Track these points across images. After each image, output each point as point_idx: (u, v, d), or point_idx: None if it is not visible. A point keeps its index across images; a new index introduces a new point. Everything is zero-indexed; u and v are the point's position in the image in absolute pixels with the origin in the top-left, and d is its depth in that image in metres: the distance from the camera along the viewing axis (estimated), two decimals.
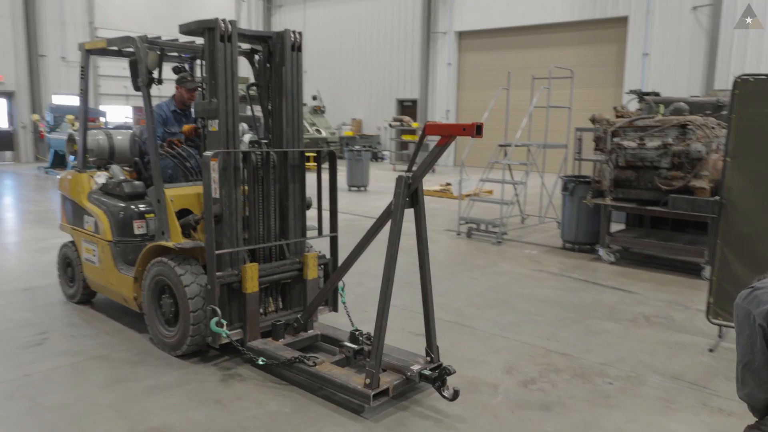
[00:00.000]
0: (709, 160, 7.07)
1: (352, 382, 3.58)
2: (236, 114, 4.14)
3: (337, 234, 4.70)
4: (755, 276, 4.93)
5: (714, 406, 3.87)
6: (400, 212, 3.58)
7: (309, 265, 4.53)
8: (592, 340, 5.01)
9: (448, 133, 3.50)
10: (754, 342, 2.12)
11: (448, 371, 3.67)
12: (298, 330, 4.38)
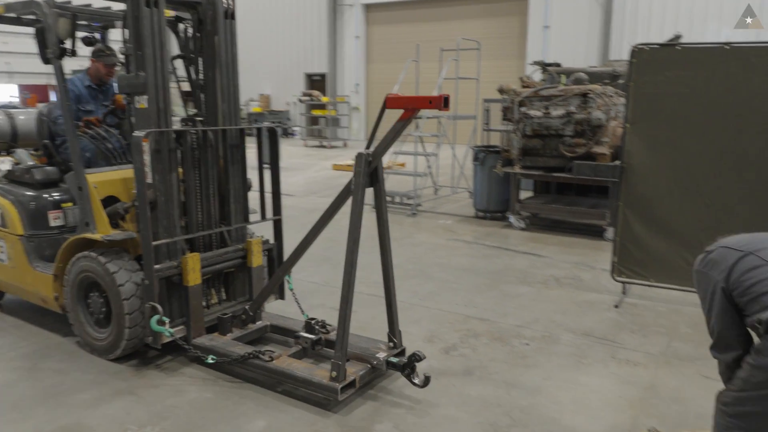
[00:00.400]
0: (608, 127, 7.41)
1: (317, 376, 3.37)
2: (167, 88, 3.76)
3: (281, 217, 4.45)
4: (654, 235, 5.25)
5: (621, 358, 4.11)
6: (361, 192, 3.36)
7: (253, 251, 4.23)
8: (508, 304, 5.18)
9: (413, 106, 3.23)
10: (714, 303, 2.25)
11: (417, 357, 3.46)
12: (246, 322, 4.11)
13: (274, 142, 4.34)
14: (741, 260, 2.18)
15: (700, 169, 4.90)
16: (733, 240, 2.31)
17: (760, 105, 4.61)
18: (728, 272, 2.19)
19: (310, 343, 3.82)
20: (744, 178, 4.74)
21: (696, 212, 4.95)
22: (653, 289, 5.28)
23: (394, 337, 3.73)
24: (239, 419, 3.28)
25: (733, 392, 2.18)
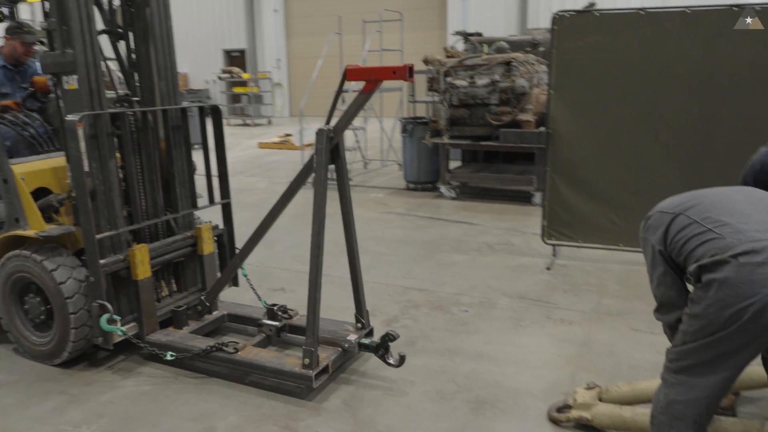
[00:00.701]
0: (532, 94, 7.58)
1: (288, 365, 3.24)
2: (99, 66, 3.43)
3: (230, 200, 4.21)
4: (580, 198, 5.41)
5: (556, 318, 4.25)
6: (324, 170, 3.21)
7: (204, 238, 3.98)
8: (445, 273, 5.25)
9: (375, 77, 3.05)
10: (655, 267, 2.30)
11: (391, 337, 3.36)
12: (202, 313, 3.90)
13: (218, 122, 4.07)
14: (673, 222, 2.25)
15: (621, 133, 5.08)
16: (667, 203, 2.38)
17: (674, 68, 4.80)
18: (663, 235, 2.26)
19: (275, 330, 3.69)
20: (661, 139, 4.96)
21: (618, 174, 5.15)
22: (581, 250, 5.48)
23: (362, 318, 3.65)
24: (210, 417, 3.12)
25: (676, 348, 2.23)
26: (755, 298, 1.92)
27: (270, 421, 3.03)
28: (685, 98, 4.82)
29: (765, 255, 1.94)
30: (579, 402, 2.90)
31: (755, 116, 4.58)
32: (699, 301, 2.07)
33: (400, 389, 3.33)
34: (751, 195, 2.30)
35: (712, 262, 2.02)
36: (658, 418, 2.27)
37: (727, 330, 2.00)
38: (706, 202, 2.24)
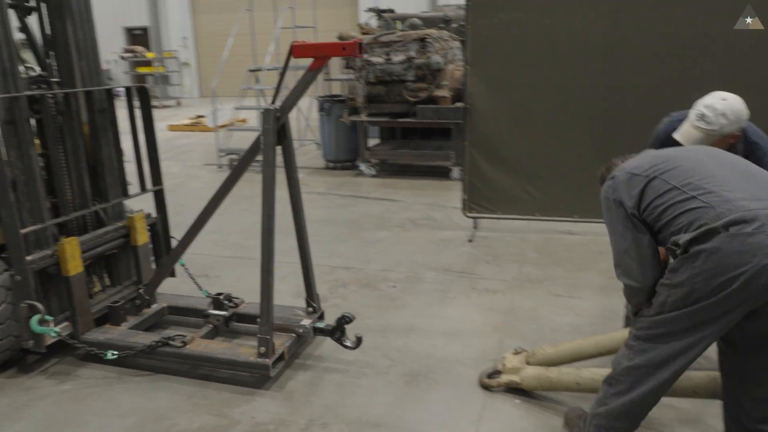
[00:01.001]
0: (447, 70, 7.68)
1: (242, 355, 3.12)
2: (11, 43, 3.09)
3: (163, 187, 3.95)
4: (498, 171, 5.56)
5: (481, 288, 4.38)
6: (272, 151, 3.08)
7: (137, 228, 3.73)
8: (370, 250, 5.27)
9: (324, 53, 2.96)
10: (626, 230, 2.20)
11: (347, 319, 3.28)
12: (141, 307, 3.70)
13: (146, 103, 3.82)
14: (648, 185, 2.18)
15: (535, 106, 5.25)
16: (635, 163, 2.31)
17: (583, 42, 4.99)
18: (638, 199, 2.18)
19: (222, 320, 3.55)
20: (573, 112, 5.16)
21: (533, 146, 5.33)
22: (500, 221, 5.66)
23: (312, 302, 3.58)
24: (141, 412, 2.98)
25: (650, 317, 2.18)
26: (745, 267, 1.90)
27: (204, 410, 2.96)
28: (594, 71, 5.03)
29: (754, 225, 1.91)
30: (508, 367, 3.01)
31: (660, 86, 4.83)
32: (683, 270, 2.03)
33: (334, 368, 3.33)
34: (718, 157, 2.24)
35: (701, 233, 1.97)
36: (619, 380, 2.26)
37: (713, 299, 1.98)
38: (682, 167, 2.17)
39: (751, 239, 1.89)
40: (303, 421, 2.84)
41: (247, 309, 3.67)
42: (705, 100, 2.82)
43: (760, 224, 1.90)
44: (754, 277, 1.89)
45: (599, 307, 4.01)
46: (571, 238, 5.42)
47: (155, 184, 3.91)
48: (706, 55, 4.74)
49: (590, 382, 2.77)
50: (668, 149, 2.37)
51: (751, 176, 2.12)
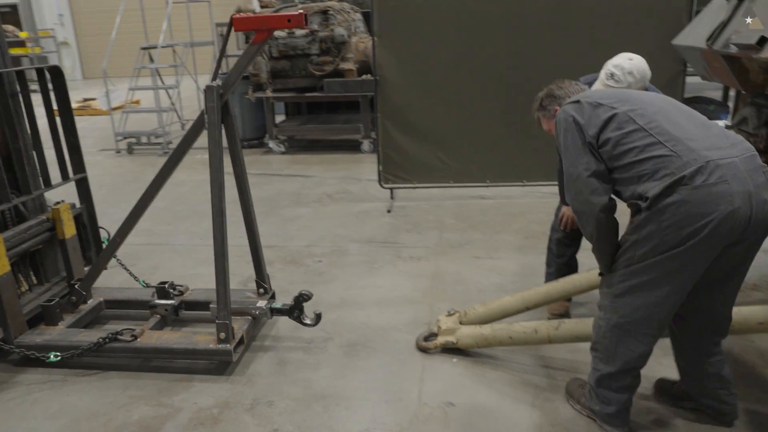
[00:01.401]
0: (351, 42, 7.64)
1: (200, 343, 3.02)
2: None
3: (86, 174, 3.69)
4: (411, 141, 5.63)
5: (405, 256, 4.48)
6: (218, 130, 2.94)
7: (64, 220, 3.46)
8: (290, 227, 5.23)
9: (268, 26, 2.82)
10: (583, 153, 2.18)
11: (305, 297, 3.23)
12: (77, 304, 3.47)
13: (61, 85, 3.52)
14: (613, 119, 2.16)
15: (443, 76, 5.37)
16: (599, 95, 2.28)
17: (485, 12, 5.14)
18: (600, 130, 2.17)
19: (171, 309, 3.40)
20: (480, 80, 5.32)
21: (443, 115, 5.46)
22: (416, 190, 5.77)
23: (263, 283, 3.52)
24: (104, 413, 2.81)
25: (618, 272, 2.24)
26: (712, 216, 1.97)
27: (141, 402, 2.86)
28: (498, 40, 5.20)
29: (717, 174, 1.98)
30: (443, 329, 3.13)
31: (562, 54, 5.08)
32: (651, 225, 2.07)
33: (274, 346, 3.32)
34: (676, 105, 2.26)
35: (668, 185, 2.01)
36: (602, 342, 2.34)
37: (682, 247, 2.04)
38: (646, 110, 2.16)
39: (715, 189, 1.97)
40: (247, 402, 2.82)
41: (194, 296, 3.57)
42: (613, 60, 3.01)
43: (721, 174, 1.97)
44: (720, 224, 1.98)
45: (519, 266, 4.22)
46: (485, 203, 5.63)
47: (77, 172, 3.67)
48: (598, 23, 5.04)
49: (522, 335, 2.94)
50: (628, 90, 2.35)
51: (706, 125, 2.16)
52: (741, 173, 2.00)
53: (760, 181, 2.02)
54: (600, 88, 3.00)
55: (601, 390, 2.42)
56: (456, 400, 2.75)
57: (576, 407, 2.62)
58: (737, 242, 2.06)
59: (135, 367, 3.15)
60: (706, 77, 4.20)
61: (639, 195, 2.10)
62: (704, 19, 3.95)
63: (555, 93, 2.59)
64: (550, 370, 2.98)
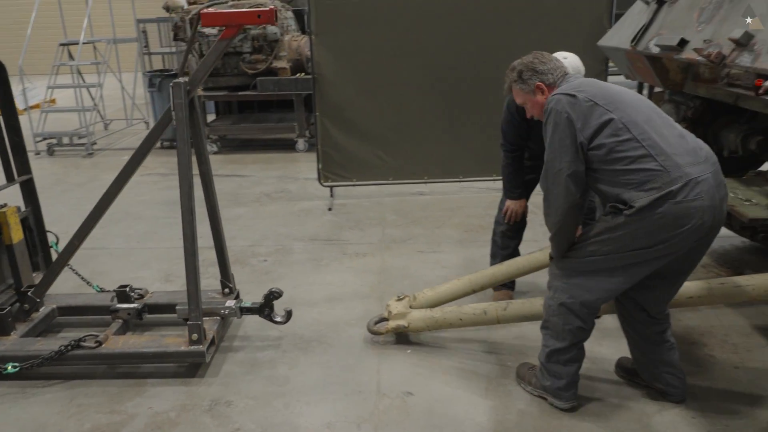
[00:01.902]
0: (284, 40, 7.60)
1: (171, 345, 2.97)
2: None
3: (32, 175, 3.49)
4: (350, 139, 5.66)
5: (351, 253, 4.53)
6: (186, 126, 2.86)
7: (10, 224, 3.29)
8: (232, 227, 5.16)
9: (237, 22, 2.77)
10: (569, 151, 2.26)
11: (276, 295, 3.23)
12: (30, 312, 3.30)
13: (4, 80, 3.31)
14: (609, 124, 2.23)
15: (380, 73, 5.45)
16: (593, 92, 2.32)
17: (421, 11, 5.25)
18: (594, 131, 2.24)
19: (134, 313, 3.29)
20: (417, 77, 5.44)
21: (382, 112, 5.55)
22: (356, 188, 5.83)
23: (229, 282, 3.47)
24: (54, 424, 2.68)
25: (578, 259, 2.39)
26: (685, 227, 2.17)
27: (92, 410, 2.77)
28: (436, 39, 5.33)
29: (696, 191, 2.15)
30: (394, 313, 3.20)
31: (496, 53, 5.24)
32: (626, 227, 2.22)
33: (228, 346, 3.29)
34: (659, 114, 2.34)
35: (655, 199, 2.15)
36: (552, 321, 2.51)
37: (649, 249, 2.23)
38: (637, 119, 2.24)
39: (692, 204, 2.15)
40: (205, 403, 2.80)
41: (156, 299, 3.48)
42: None
43: (699, 191, 2.15)
44: (689, 235, 2.19)
45: (461, 258, 4.36)
46: (424, 199, 5.76)
47: (22, 173, 3.49)
48: (530, 23, 5.26)
49: (472, 316, 3.07)
50: (616, 90, 2.39)
51: (683, 136, 2.29)
52: (712, 189, 2.19)
53: (722, 194, 2.25)
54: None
55: (551, 365, 2.59)
56: (414, 390, 2.83)
57: (527, 389, 2.76)
58: (699, 239, 2.27)
59: (99, 374, 3.05)
60: (629, 76, 4.48)
61: (623, 201, 2.23)
62: (627, 21, 4.22)
63: (538, 68, 2.49)
64: (500, 356, 3.11)
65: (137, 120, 9.85)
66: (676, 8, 3.57)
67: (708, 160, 2.25)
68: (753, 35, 2.67)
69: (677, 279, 2.49)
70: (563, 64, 2.55)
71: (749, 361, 3.00)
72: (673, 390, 2.66)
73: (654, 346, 2.60)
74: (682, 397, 2.67)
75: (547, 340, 2.59)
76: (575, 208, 2.35)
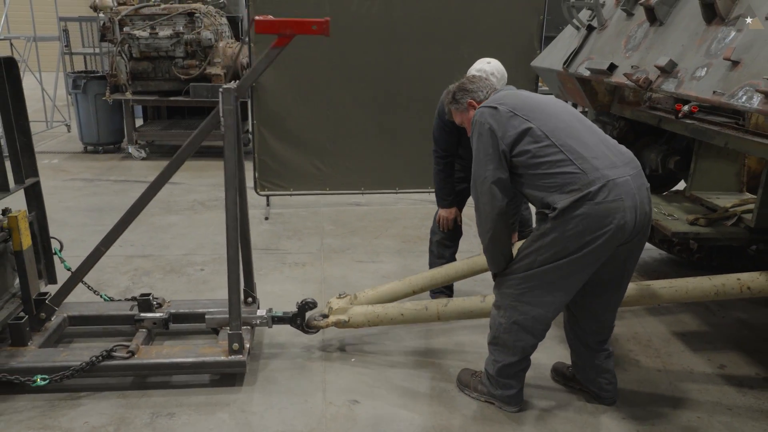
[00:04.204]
0: (219, 47, 7.49)
1: (209, 355, 2.89)
2: None
3: (39, 179, 3.27)
4: (288, 148, 5.66)
5: (291, 262, 4.52)
6: (235, 134, 2.77)
7: (21, 230, 3.08)
8: (164, 236, 5.04)
9: (291, 31, 2.70)
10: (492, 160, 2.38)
11: (310, 305, 3.21)
12: (44, 321, 3.15)
13: (15, 78, 3.08)
14: (528, 133, 2.35)
15: (318, 83, 5.48)
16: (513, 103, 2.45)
17: (360, 23, 5.33)
18: (514, 140, 2.36)
19: (162, 323, 3.19)
20: (353, 89, 5.50)
21: (319, 123, 5.57)
22: (293, 197, 5.81)
23: (252, 292, 3.40)
24: None
25: (519, 274, 2.49)
26: (607, 228, 2.28)
27: (22, 426, 2.63)
28: (371, 51, 5.42)
29: (615, 192, 2.27)
30: (335, 308, 3.23)
31: (431, 66, 5.41)
32: (554, 232, 2.34)
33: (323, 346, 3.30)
34: (580, 120, 2.48)
35: (575, 200, 2.27)
36: (502, 338, 2.59)
37: (580, 254, 2.33)
38: (557, 126, 2.38)
39: (613, 205, 2.27)
40: (146, 416, 2.71)
41: (177, 308, 3.38)
42: (475, 66, 3.39)
43: (618, 192, 2.27)
44: (613, 235, 2.30)
45: (399, 267, 4.44)
46: (361, 209, 5.81)
47: (29, 176, 3.28)
48: (464, 40, 5.45)
49: (413, 312, 3.15)
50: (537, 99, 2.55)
51: (605, 141, 2.43)
52: (632, 190, 2.31)
53: (644, 196, 2.37)
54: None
55: (502, 378, 2.70)
56: (359, 398, 2.86)
57: (473, 395, 2.85)
58: (626, 243, 2.40)
59: (125, 386, 2.95)
60: (559, 96, 4.72)
61: (547, 204, 2.36)
62: (558, 44, 4.45)
63: (467, 87, 2.69)
64: (441, 362, 3.19)
65: (58, 122, 9.41)
66: (605, 35, 3.82)
67: (629, 164, 2.40)
68: (676, 63, 2.91)
69: (618, 287, 2.63)
70: (493, 82, 2.75)
71: (670, 365, 3.23)
72: (605, 394, 2.82)
73: (594, 353, 2.76)
74: (614, 399, 2.84)
75: (498, 355, 2.68)
76: (503, 215, 2.46)
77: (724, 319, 3.77)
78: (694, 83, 2.70)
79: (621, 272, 2.57)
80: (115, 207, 5.75)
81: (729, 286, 3.05)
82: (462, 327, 3.55)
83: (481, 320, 3.30)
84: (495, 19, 5.51)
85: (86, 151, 8.09)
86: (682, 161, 4.08)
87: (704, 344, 3.46)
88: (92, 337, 3.39)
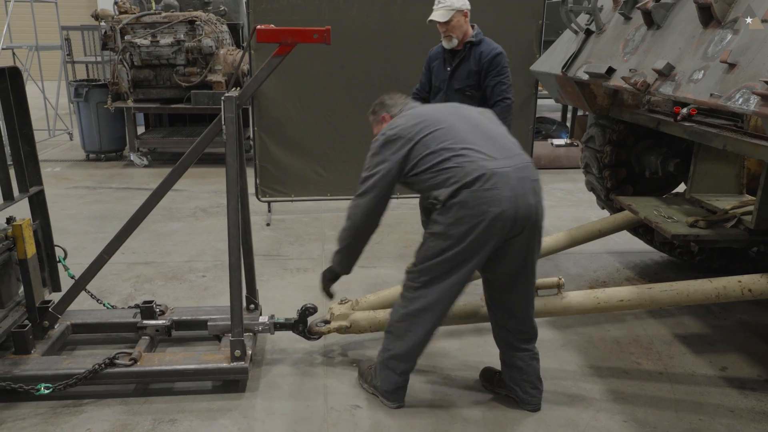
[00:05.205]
0: (219, 54, 7.53)
1: (211, 362, 2.91)
2: None
3: (43, 187, 3.30)
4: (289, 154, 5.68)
5: (292, 268, 4.53)
6: (237, 142, 2.80)
7: (25, 238, 3.09)
8: (167, 243, 5.05)
9: (293, 39, 2.75)
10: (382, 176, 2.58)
11: (311, 311, 3.24)
12: (47, 329, 3.16)
13: (19, 88, 3.12)
14: (413, 149, 2.55)
15: (319, 90, 5.51)
16: (400, 128, 2.62)
17: (359, 31, 5.36)
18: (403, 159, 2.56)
19: (164, 329, 3.21)
20: (353, 95, 5.52)
21: (319, 129, 5.59)
22: (294, 203, 5.83)
23: (254, 299, 3.41)
24: None
25: (417, 267, 2.62)
26: (485, 215, 2.40)
27: None
28: (370, 58, 5.45)
29: (492, 182, 2.41)
30: (336, 314, 3.25)
31: None
32: (441, 221, 2.49)
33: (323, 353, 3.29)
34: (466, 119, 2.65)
35: (454, 190, 2.43)
36: (396, 326, 2.71)
37: (463, 243, 2.45)
38: (440, 130, 2.56)
39: (488, 194, 2.40)
40: (147, 423, 2.72)
41: (180, 315, 3.39)
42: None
43: (494, 182, 2.41)
44: (492, 222, 2.41)
45: (401, 272, 4.38)
46: None
47: (33, 184, 3.30)
48: None
49: None
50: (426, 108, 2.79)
51: (490, 137, 2.59)
52: (512, 181, 2.43)
53: (527, 187, 2.48)
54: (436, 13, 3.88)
55: (387, 371, 2.78)
56: (361, 403, 2.87)
57: (364, 386, 2.96)
58: (515, 235, 2.49)
59: (128, 393, 2.97)
60: (559, 100, 4.74)
61: (435, 197, 2.52)
62: (557, 49, 4.47)
63: (386, 102, 2.93)
64: (442, 366, 3.20)
65: (60, 131, 9.45)
66: (603, 39, 3.83)
67: (512, 158, 2.53)
68: (674, 66, 2.92)
69: (526, 281, 2.68)
70: (408, 101, 2.93)
71: (672, 368, 3.23)
72: (528, 398, 2.81)
73: (517, 352, 2.78)
74: (537, 406, 2.83)
75: (389, 343, 2.76)
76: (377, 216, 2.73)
77: (726, 321, 3.77)
78: (691, 86, 2.71)
79: (523, 266, 2.64)
80: (118, 214, 5.77)
81: (730, 288, 3.05)
82: (462, 331, 3.55)
83: (481, 324, 3.31)
84: (494, 23, 5.53)
85: (88, 159, 8.12)
86: (681, 164, 4.09)
87: (706, 346, 3.46)
88: (95, 345, 3.40)
